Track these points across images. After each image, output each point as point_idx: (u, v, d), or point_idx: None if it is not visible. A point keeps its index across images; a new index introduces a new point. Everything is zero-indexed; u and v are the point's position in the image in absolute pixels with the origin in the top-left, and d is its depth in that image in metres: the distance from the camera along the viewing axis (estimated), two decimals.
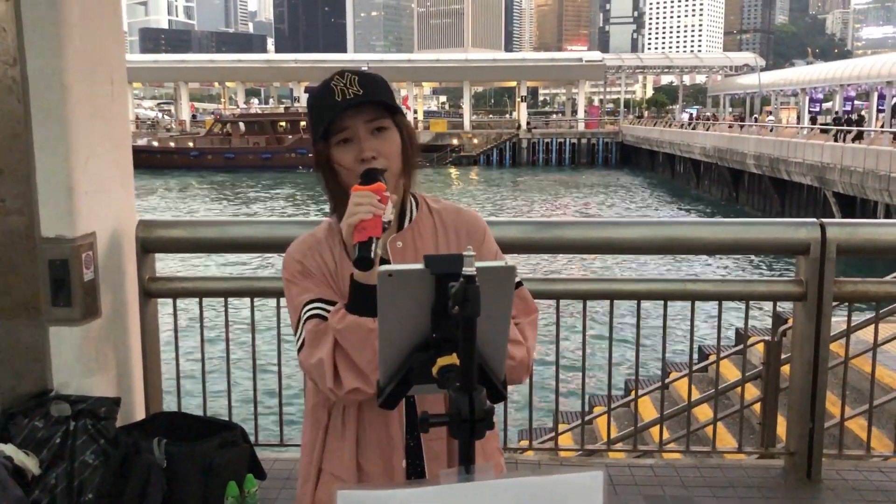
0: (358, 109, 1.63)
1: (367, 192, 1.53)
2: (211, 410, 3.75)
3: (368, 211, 1.50)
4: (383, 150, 1.65)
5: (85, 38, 3.11)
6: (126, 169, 3.47)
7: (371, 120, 1.65)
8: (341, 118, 1.64)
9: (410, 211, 1.75)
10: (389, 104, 1.65)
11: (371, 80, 1.66)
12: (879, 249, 3.61)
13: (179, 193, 43.18)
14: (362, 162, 1.64)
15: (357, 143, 1.65)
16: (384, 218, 1.51)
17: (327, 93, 1.63)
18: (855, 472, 3.66)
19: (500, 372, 1.25)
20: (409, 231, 1.73)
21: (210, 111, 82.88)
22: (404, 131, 1.70)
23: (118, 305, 3.35)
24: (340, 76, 1.65)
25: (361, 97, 1.62)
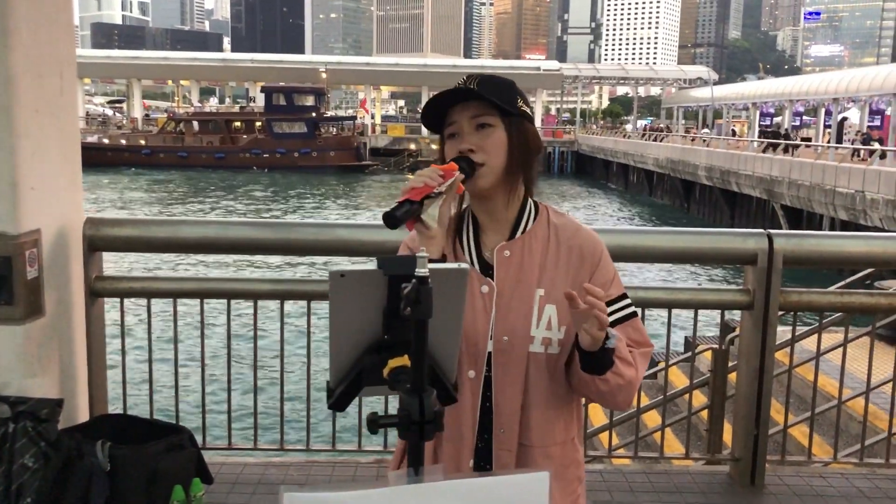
0: (465, 105, 1.68)
1: (434, 167, 1.58)
2: (158, 413, 3.67)
3: (421, 181, 1.54)
4: (483, 145, 1.67)
5: (33, 30, 3.03)
6: (74, 165, 3.38)
7: (475, 116, 1.68)
8: (450, 113, 1.70)
9: (527, 220, 1.75)
10: (498, 104, 1.67)
11: (490, 81, 1.69)
12: (824, 260, 3.71)
13: (128, 191, 42.37)
14: (460, 155, 1.67)
15: (461, 137, 1.69)
16: (437, 189, 1.55)
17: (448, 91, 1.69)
18: (797, 477, 3.75)
19: (451, 374, 1.25)
20: (520, 241, 1.72)
21: (163, 109, 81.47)
22: (514, 133, 1.70)
23: (63, 304, 3.27)
24: (467, 77, 1.71)
25: (470, 91, 1.66)
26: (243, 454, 3.87)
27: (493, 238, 1.74)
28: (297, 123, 56.91)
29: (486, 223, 1.75)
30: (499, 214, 1.74)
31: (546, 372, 1.68)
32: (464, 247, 1.75)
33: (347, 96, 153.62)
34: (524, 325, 1.65)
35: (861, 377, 4.02)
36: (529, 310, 1.66)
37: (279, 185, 46.11)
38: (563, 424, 1.73)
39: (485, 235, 1.75)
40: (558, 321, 1.66)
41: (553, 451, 1.71)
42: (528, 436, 1.68)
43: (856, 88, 33.45)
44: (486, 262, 1.72)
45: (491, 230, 1.75)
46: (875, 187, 20.04)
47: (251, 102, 72.08)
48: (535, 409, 1.68)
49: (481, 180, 1.67)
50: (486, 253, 1.73)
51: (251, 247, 3.78)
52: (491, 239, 1.74)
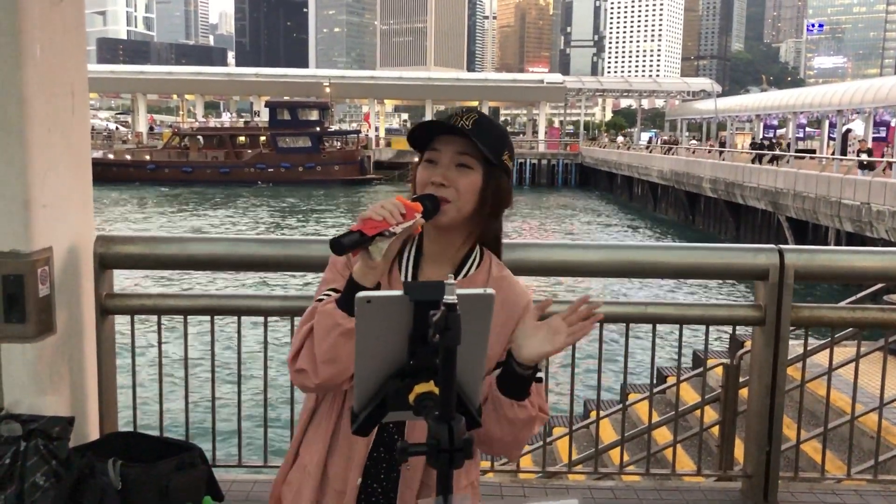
0: (452, 137, 1.68)
1: (399, 202, 1.56)
2: (168, 431, 3.66)
3: (381, 214, 1.53)
4: (456, 183, 1.68)
5: (46, 48, 3.05)
6: (85, 183, 3.39)
7: (460, 153, 1.68)
8: (436, 140, 1.70)
9: (471, 265, 1.76)
10: (484, 151, 1.66)
11: (486, 125, 1.69)
12: (836, 275, 3.70)
13: (135, 207, 42.49)
14: (431, 185, 1.67)
15: (438, 167, 1.69)
16: (392, 229, 1.53)
17: (445, 115, 1.70)
18: (810, 494, 3.72)
19: (475, 400, 1.24)
20: (461, 284, 1.72)
21: (168, 124, 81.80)
22: (491, 183, 1.71)
23: (74, 322, 3.27)
24: (467, 110, 1.71)
25: (460, 129, 1.65)
26: (253, 472, 3.85)
27: (432, 269, 1.75)
28: (301, 138, 57.07)
29: (431, 254, 1.76)
30: (446, 251, 1.75)
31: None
32: (401, 268, 1.75)
33: (351, 110, 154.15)
34: None
35: (874, 392, 4.00)
36: None
37: (284, 200, 46.19)
38: (465, 470, 1.69)
39: (425, 264, 1.76)
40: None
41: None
42: (431, 477, 1.64)
43: (860, 100, 33.44)
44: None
45: (433, 262, 1.76)
46: (881, 199, 20.00)
47: (255, 117, 72.31)
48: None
49: (444, 217, 1.67)
50: (422, 278, 1.75)
51: (261, 264, 3.79)
52: (431, 269, 1.75)
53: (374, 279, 1.59)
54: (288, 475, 1.78)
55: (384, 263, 1.59)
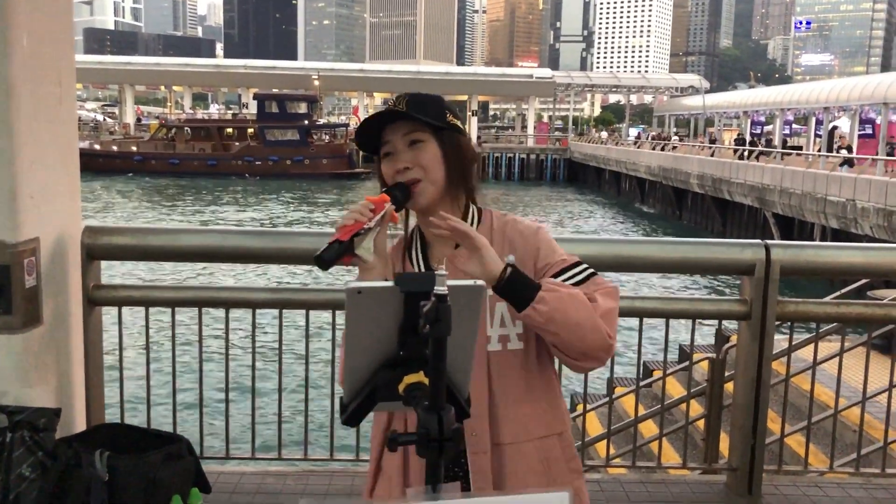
0: (397, 125, 1.71)
1: (366, 201, 1.61)
2: (155, 422, 3.66)
3: (351, 217, 1.57)
4: (417, 160, 1.70)
5: (33, 38, 3.03)
6: (73, 173, 3.38)
7: (407, 133, 1.71)
8: (384, 133, 1.73)
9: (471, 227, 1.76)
10: (425, 120, 1.69)
11: (419, 100, 1.72)
12: (821, 271, 3.73)
13: (121, 198, 42.25)
14: (396, 173, 1.71)
15: (396, 156, 1.72)
16: (367, 225, 1.57)
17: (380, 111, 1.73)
18: (793, 487, 3.76)
19: (464, 390, 1.25)
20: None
21: (156, 115, 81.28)
22: (448, 145, 1.73)
23: (61, 313, 3.25)
24: (396, 98, 1.74)
25: (397, 112, 1.69)
26: (241, 463, 3.86)
27: (440, 250, 1.78)
28: (289, 131, 56.86)
29: (432, 237, 1.79)
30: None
31: (511, 368, 1.70)
32: (413, 263, 1.80)
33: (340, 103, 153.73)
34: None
35: (857, 387, 4.04)
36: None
37: (271, 193, 46.04)
38: (539, 420, 1.73)
39: (432, 249, 1.79)
40: (511, 317, 1.69)
41: (527, 448, 1.70)
42: (500, 435, 1.69)
43: (846, 97, 33.65)
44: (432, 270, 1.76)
45: (437, 243, 1.78)
46: (866, 196, 20.16)
47: (244, 109, 71.97)
48: (504, 407, 1.70)
49: (421, 197, 1.71)
50: (434, 265, 1.77)
51: (249, 256, 3.78)
52: (438, 251, 1.78)
53: (377, 278, 1.62)
54: (374, 492, 1.79)
55: (380, 261, 1.62)
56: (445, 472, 1.63)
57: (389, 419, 1.76)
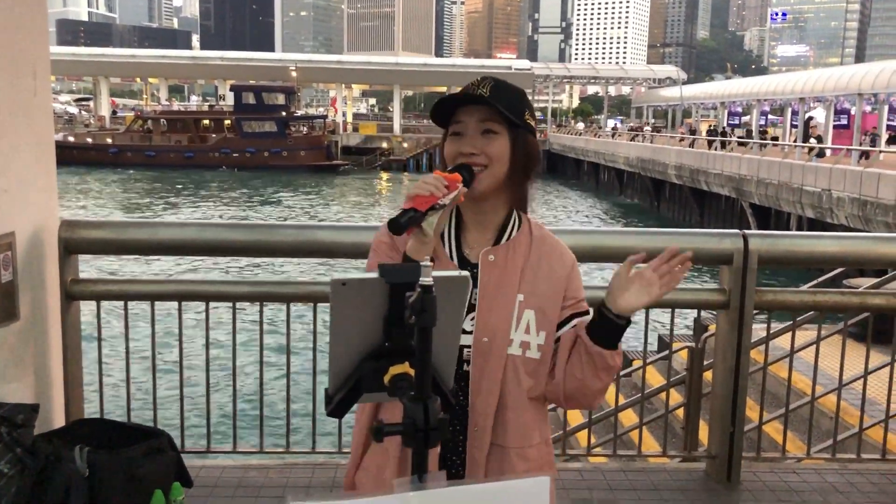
0: (474, 107, 1.70)
1: (439, 175, 1.60)
2: (136, 417, 3.63)
3: (427, 189, 1.56)
4: (485, 149, 1.70)
5: (6, 29, 2.99)
6: (49, 167, 3.34)
7: (483, 120, 1.71)
8: (458, 113, 1.72)
9: (512, 228, 1.79)
10: (506, 114, 1.69)
11: (503, 89, 1.72)
12: (798, 260, 3.77)
13: (95, 191, 41.80)
14: (461, 156, 1.70)
15: (465, 138, 1.71)
16: (441, 201, 1.57)
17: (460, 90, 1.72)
18: (771, 473, 3.81)
19: (448, 381, 1.26)
20: (505, 248, 1.76)
21: (132, 107, 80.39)
22: (519, 143, 1.73)
23: (38, 308, 3.22)
24: (481, 79, 1.72)
25: (480, 97, 1.68)
26: (222, 457, 3.84)
27: (475, 237, 1.77)
28: (267, 122, 56.51)
29: (472, 223, 1.78)
30: (486, 217, 1.77)
31: (523, 375, 1.72)
32: (444, 241, 1.78)
33: (318, 94, 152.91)
34: (504, 327, 1.70)
35: (833, 374, 4.10)
36: (509, 313, 1.70)
37: (249, 185, 45.76)
38: (538, 427, 1.79)
39: (467, 233, 1.78)
40: (537, 326, 1.72)
41: (529, 453, 1.76)
42: (504, 437, 1.72)
43: (821, 88, 33.98)
44: (466, 258, 1.76)
45: (475, 230, 1.78)
46: (841, 186, 20.39)
47: (220, 101, 71.39)
48: (511, 411, 1.72)
49: (480, 185, 1.71)
50: (466, 250, 1.77)
51: (229, 249, 3.75)
52: (473, 238, 1.78)
53: (427, 253, 1.63)
54: (362, 461, 1.78)
55: (434, 239, 1.63)
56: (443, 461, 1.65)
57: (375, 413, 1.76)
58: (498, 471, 1.71)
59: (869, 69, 31.11)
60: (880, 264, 4.01)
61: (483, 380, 1.69)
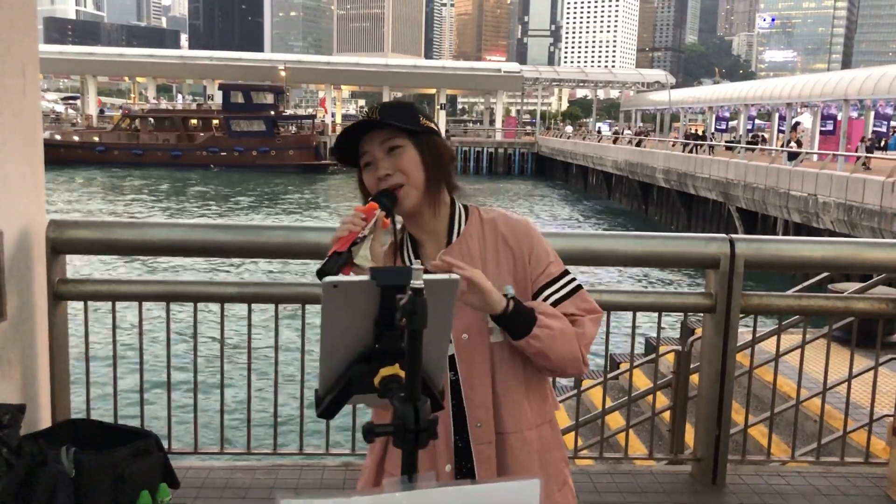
0: (373, 134, 1.74)
1: (356, 211, 1.63)
2: (122, 418, 3.62)
3: (345, 229, 1.59)
4: (398, 166, 1.73)
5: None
6: (37, 166, 3.33)
7: (384, 141, 1.74)
8: (361, 145, 1.75)
9: (459, 224, 1.82)
10: (400, 125, 1.72)
11: (391, 108, 1.75)
12: (784, 264, 3.81)
13: (81, 190, 41.55)
14: (379, 181, 1.73)
15: (375, 165, 1.75)
16: (362, 233, 1.60)
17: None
18: (756, 476, 3.84)
19: (438, 382, 1.27)
20: (457, 245, 1.79)
21: (119, 106, 79.96)
22: (425, 147, 1.76)
23: (25, 308, 3.21)
24: (371, 108, 1.76)
25: (372, 121, 1.71)
26: (210, 458, 3.84)
27: (431, 249, 1.81)
28: (255, 122, 56.35)
29: (422, 237, 1.82)
30: (431, 226, 1.81)
31: (511, 360, 1.76)
32: (405, 262, 1.83)
33: (307, 95, 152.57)
34: (479, 319, 1.73)
35: (817, 378, 4.13)
36: None
37: (237, 185, 45.60)
38: (535, 407, 1.80)
39: (423, 249, 1.82)
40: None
41: (529, 436, 1.77)
42: (503, 424, 1.75)
43: (808, 94, 34.18)
44: (430, 271, 1.77)
45: (428, 242, 1.82)
46: (827, 191, 20.53)
47: (209, 101, 71.14)
48: (505, 396, 1.75)
49: (406, 201, 1.74)
50: (428, 265, 1.78)
51: (218, 250, 3.75)
52: (430, 250, 1.81)
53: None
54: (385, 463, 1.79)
55: (378, 265, 1.64)
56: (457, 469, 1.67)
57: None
58: (502, 460, 1.73)
59: (855, 75, 31.34)
60: (865, 269, 4.05)
61: (474, 375, 1.72)
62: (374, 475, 1.80)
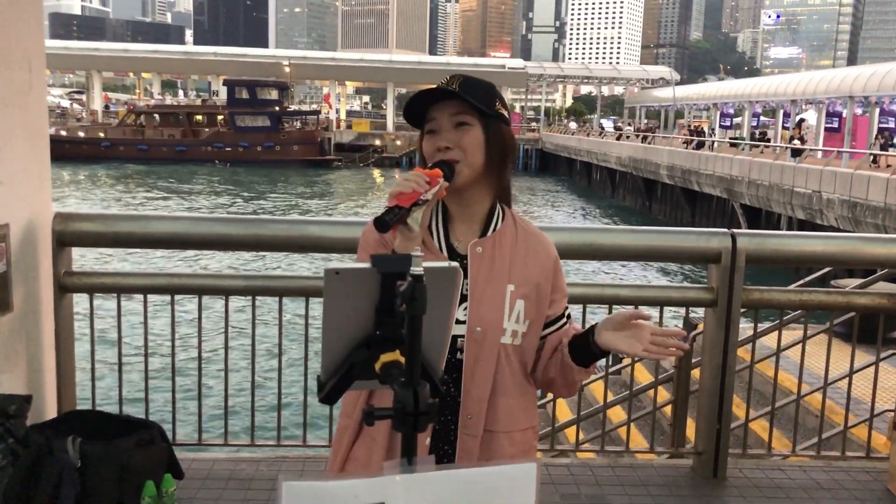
0: (445, 104, 1.74)
1: (420, 172, 1.63)
2: (127, 409, 3.65)
3: (409, 186, 1.59)
4: (460, 142, 1.74)
5: (2, 23, 3.00)
6: (43, 160, 3.36)
7: (455, 114, 1.75)
8: (431, 110, 1.76)
9: (497, 220, 1.83)
10: (475, 104, 1.73)
11: (472, 83, 1.75)
12: (785, 259, 3.82)
13: (88, 185, 41.64)
14: (437, 151, 1.74)
15: (440, 134, 1.75)
16: (423, 196, 1.60)
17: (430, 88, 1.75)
18: (757, 470, 3.86)
19: (438, 369, 1.29)
20: (492, 239, 1.80)
21: (124, 102, 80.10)
22: (492, 133, 1.77)
23: (31, 300, 3.24)
24: (450, 76, 1.76)
25: (450, 91, 1.72)
26: (214, 450, 3.87)
27: (462, 230, 1.81)
28: (260, 117, 56.44)
29: (457, 215, 1.82)
30: (471, 209, 1.82)
31: (514, 362, 1.78)
32: (433, 234, 1.81)
33: (312, 91, 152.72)
34: (496, 317, 1.74)
35: (818, 373, 4.14)
36: (501, 303, 1.75)
37: (242, 180, 45.66)
38: (526, 412, 1.83)
39: (454, 226, 1.82)
40: (525, 315, 1.77)
41: (517, 437, 1.80)
42: (495, 422, 1.76)
43: (813, 90, 34.13)
44: (454, 250, 1.80)
45: (461, 222, 1.82)
46: (831, 187, 20.51)
47: (214, 96, 71.21)
48: (502, 397, 1.77)
49: (458, 177, 1.74)
50: (455, 242, 1.81)
51: (222, 243, 3.78)
52: (460, 230, 1.81)
53: (414, 248, 1.66)
54: (352, 450, 1.80)
55: (421, 232, 1.67)
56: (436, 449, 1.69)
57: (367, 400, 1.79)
58: (487, 454, 1.75)
59: (861, 72, 31.29)
60: (867, 264, 4.06)
61: (477, 368, 1.73)
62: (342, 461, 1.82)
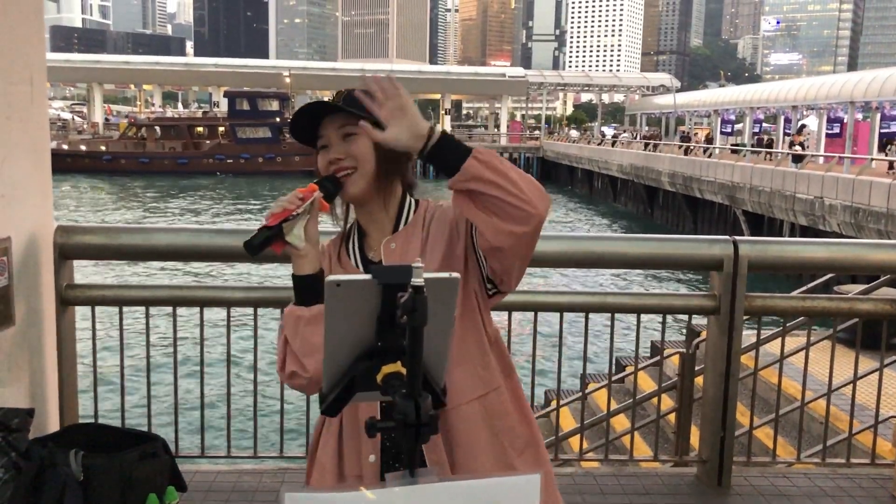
0: (332, 119, 1.78)
1: (295, 191, 1.68)
2: (130, 422, 3.65)
3: (280, 206, 1.64)
4: (350, 152, 1.77)
5: (3, 35, 3.01)
6: (44, 173, 3.36)
7: (341, 126, 1.77)
8: (320, 128, 1.79)
9: (407, 214, 1.84)
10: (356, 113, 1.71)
11: (354, 95, 1.75)
12: (787, 266, 3.82)
13: (89, 199, 41.72)
14: (330, 164, 1.77)
15: (330, 148, 1.79)
16: (296, 212, 1.64)
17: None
18: (762, 478, 3.84)
19: (440, 380, 1.29)
20: (403, 233, 1.82)
21: (125, 114, 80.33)
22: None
23: (33, 313, 3.24)
24: (337, 93, 1.80)
25: (332, 105, 1.75)
26: (217, 462, 3.86)
27: (376, 238, 1.84)
28: (261, 128, 56.54)
29: (368, 226, 1.86)
30: (378, 216, 1.84)
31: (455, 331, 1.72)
32: (349, 253, 1.86)
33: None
34: None
35: (822, 380, 4.13)
36: None
37: (244, 192, 45.73)
38: (473, 381, 1.73)
39: (369, 238, 1.85)
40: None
41: (467, 410, 1.71)
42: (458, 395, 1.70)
43: (814, 96, 34.19)
44: (370, 260, 1.84)
45: (374, 231, 1.85)
46: (833, 193, 20.50)
47: (215, 107, 71.41)
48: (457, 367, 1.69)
49: (352, 187, 1.77)
50: (371, 253, 1.84)
51: (223, 255, 3.77)
52: (375, 239, 1.84)
53: (310, 266, 1.72)
54: (310, 481, 1.81)
55: (312, 249, 1.71)
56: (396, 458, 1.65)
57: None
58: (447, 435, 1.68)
59: (861, 77, 31.33)
60: (870, 270, 4.05)
61: None
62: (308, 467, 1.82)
